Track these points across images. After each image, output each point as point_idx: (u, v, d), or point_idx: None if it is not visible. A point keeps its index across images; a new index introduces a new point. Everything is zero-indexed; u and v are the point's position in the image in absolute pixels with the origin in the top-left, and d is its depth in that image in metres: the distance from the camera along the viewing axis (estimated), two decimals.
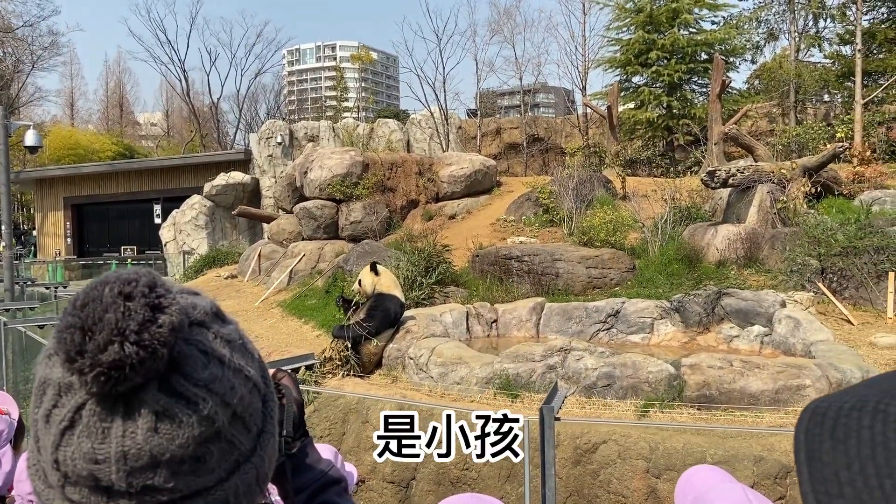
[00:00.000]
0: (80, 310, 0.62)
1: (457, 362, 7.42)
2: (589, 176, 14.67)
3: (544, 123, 29.92)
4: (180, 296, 0.70)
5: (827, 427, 0.52)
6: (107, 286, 0.64)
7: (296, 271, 13.49)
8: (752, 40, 24.65)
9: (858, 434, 0.49)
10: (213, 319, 0.73)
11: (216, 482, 0.69)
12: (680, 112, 21.78)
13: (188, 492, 0.66)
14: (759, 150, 12.87)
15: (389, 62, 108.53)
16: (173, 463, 0.65)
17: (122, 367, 0.61)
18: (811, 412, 0.54)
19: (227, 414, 0.69)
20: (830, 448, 0.50)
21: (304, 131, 24.25)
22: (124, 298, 0.63)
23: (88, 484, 0.63)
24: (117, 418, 0.63)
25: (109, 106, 61.72)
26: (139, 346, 0.62)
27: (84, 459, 0.63)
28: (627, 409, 6.40)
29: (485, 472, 6.19)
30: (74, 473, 0.63)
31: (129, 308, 0.63)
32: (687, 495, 1.41)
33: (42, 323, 7.21)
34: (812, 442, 0.52)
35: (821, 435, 0.52)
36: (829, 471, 0.49)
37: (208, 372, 0.68)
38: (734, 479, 1.43)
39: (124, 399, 0.64)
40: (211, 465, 0.68)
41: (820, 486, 0.50)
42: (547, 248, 11.13)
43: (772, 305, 8.64)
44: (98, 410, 0.63)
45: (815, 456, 0.51)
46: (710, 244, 10.55)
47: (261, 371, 0.78)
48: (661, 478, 5.44)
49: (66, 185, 29.13)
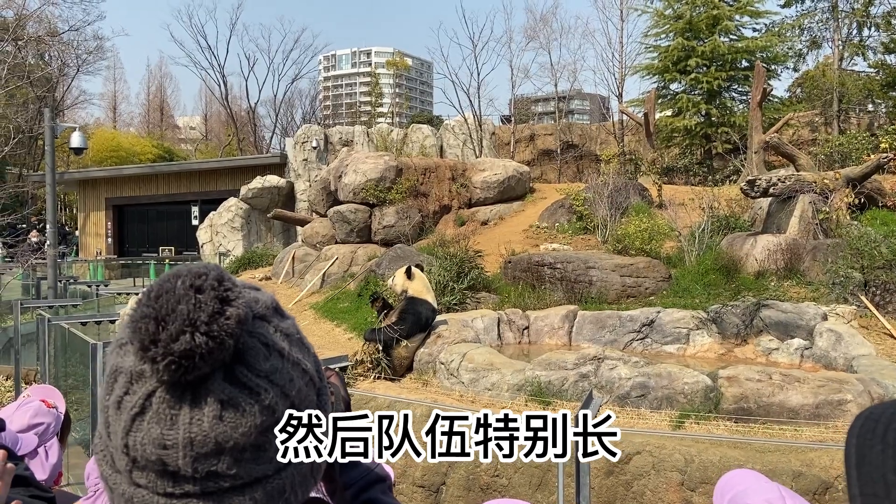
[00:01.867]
0: (154, 301, 0.65)
1: (488, 368, 7.38)
2: (624, 183, 14.52)
3: (579, 130, 29.74)
4: (245, 290, 0.73)
5: (879, 432, 0.52)
6: (179, 279, 0.66)
7: (329, 274, 13.58)
8: (794, 48, 24.21)
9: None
10: (274, 314, 0.76)
11: (274, 471, 0.71)
12: (719, 120, 21.46)
13: (248, 479, 0.68)
14: (800, 159, 12.60)
15: (424, 68, 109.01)
16: (236, 450, 0.67)
17: (193, 357, 0.64)
18: (864, 417, 0.55)
19: (286, 404, 0.71)
20: (880, 452, 0.51)
21: (338, 136, 24.46)
22: (195, 291, 0.65)
23: (156, 469, 0.65)
24: (185, 406, 0.65)
25: (150, 109, 63.07)
26: (209, 336, 0.64)
27: (153, 445, 0.65)
28: (662, 420, 6.29)
29: (515, 480, 6.14)
30: (143, 458, 0.65)
31: (200, 300, 0.65)
32: (725, 494, 1.47)
33: (84, 320, 7.36)
34: (863, 446, 0.53)
35: (872, 439, 0.52)
36: (878, 473, 0.50)
37: (269, 364, 0.70)
38: (770, 480, 1.44)
39: (192, 387, 0.66)
40: (270, 454, 0.70)
41: (868, 489, 0.50)
42: (580, 256, 11.03)
43: (813, 318, 8.43)
44: (167, 398, 0.65)
45: (865, 459, 0.52)
46: (749, 254, 10.35)
47: (316, 366, 0.80)
48: (696, 491, 5.33)
49: (108, 187, 29.77)
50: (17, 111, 23.15)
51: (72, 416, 2.94)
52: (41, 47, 33.24)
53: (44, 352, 7.01)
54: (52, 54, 38.99)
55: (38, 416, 2.53)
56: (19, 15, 23.02)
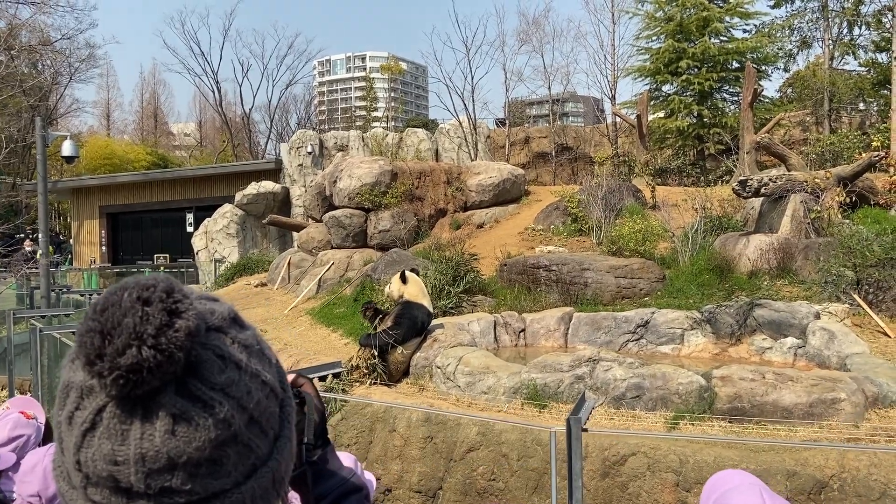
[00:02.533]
0: (100, 314, 0.64)
1: (484, 371, 7.40)
2: (618, 185, 14.57)
3: (573, 132, 29.79)
4: (198, 301, 0.71)
5: None
6: (126, 291, 0.66)
7: (324, 280, 13.59)
8: (784, 48, 24.33)
9: None
10: (231, 325, 0.74)
11: (233, 485, 0.69)
12: (711, 121, 21.55)
13: (205, 494, 0.67)
14: (791, 158, 12.67)
15: (419, 72, 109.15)
16: (190, 465, 0.66)
17: (140, 371, 0.63)
18: None
19: (244, 418, 0.70)
20: None
21: (333, 141, 24.47)
22: (143, 303, 0.65)
23: (109, 485, 0.64)
24: (136, 421, 0.64)
25: (144, 117, 63.00)
26: (156, 349, 0.63)
27: (104, 461, 0.64)
28: (657, 421, 6.32)
29: (512, 483, 6.15)
30: (95, 474, 0.65)
31: (147, 313, 0.64)
32: (711, 495, 1.52)
33: (76, 329, 7.36)
34: None
35: None
36: None
37: (225, 376, 0.69)
38: (759, 482, 1.48)
39: (143, 402, 0.65)
40: (228, 468, 0.69)
41: None
42: (575, 258, 11.07)
43: (805, 317, 8.48)
44: (118, 413, 0.65)
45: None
46: (741, 254, 10.40)
47: (278, 376, 0.78)
48: (691, 491, 5.36)
49: (102, 195, 29.72)
50: (10, 120, 23.12)
51: None
52: (33, 56, 33.22)
53: (36, 362, 7.01)
54: (45, 63, 38.95)
55: (18, 429, 2.51)
56: (11, 24, 23.01)
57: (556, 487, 3.19)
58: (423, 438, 6.77)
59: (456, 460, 6.51)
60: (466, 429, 6.58)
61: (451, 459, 6.54)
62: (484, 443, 6.41)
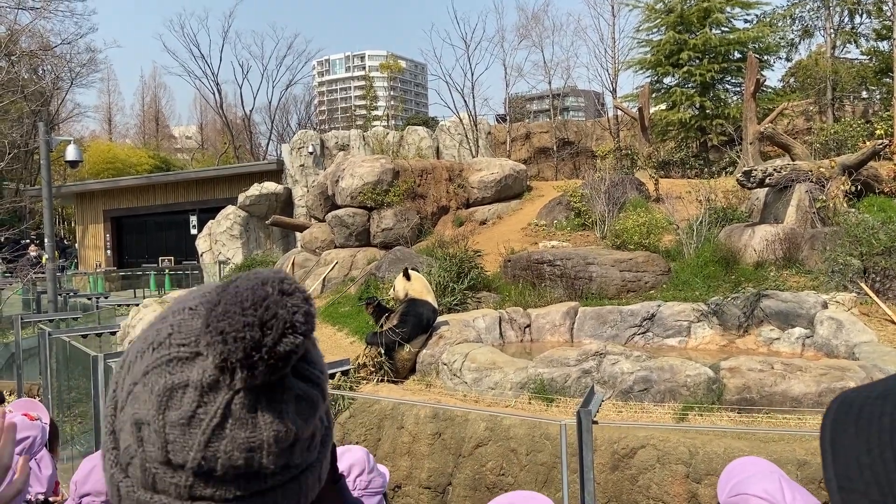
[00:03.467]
0: (253, 309, 0.67)
1: (490, 367, 7.39)
2: (621, 179, 14.54)
3: (574, 127, 29.73)
4: None
5: (852, 415, 0.54)
6: (268, 285, 0.69)
7: (329, 279, 13.59)
8: (786, 38, 24.20)
9: (880, 421, 0.51)
10: None
11: (317, 457, 0.76)
12: (713, 112, 21.46)
13: (305, 466, 0.73)
14: (795, 148, 12.62)
15: (418, 70, 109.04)
16: (304, 440, 0.72)
17: (291, 357, 0.67)
18: (839, 401, 0.56)
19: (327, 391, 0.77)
20: (854, 434, 0.52)
21: (334, 140, 24.47)
22: (287, 296, 0.69)
23: (239, 472, 0.68)
24: (264, 407, 0.68)
25: (146, 120, 63.08)
26: (304, 336, 0.68)
27: (239, 450, 0.67)
28: (665, 414, 6.30)
29: (521, 478, 6.14)
30: (226, 465, 0.67)
31: (294, 304, 0.69)
32: (728, 482, 1.52)
33: (84, 332, 7.36)
34: (837, 429, 0.54)
35: (846, 422, 0.54)
36: (851, 455, 0.51)
37: (318, 355, 0.76)
38: (778, 469, 1.47)
39: (268, 388, 0.69)
40: (316, 441, 0.75)
41: (842, 471, 0.52)
42: (579, 252, 11.04)
43: (813, 307, 8.44)
44: (246, 402, 0.68)
45: (839, 442, 0.53)
46: (747, 245, 10.36)
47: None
48: (701, 482, 5.34)
49: (106, 199, 29.76)
50: (12, 126, 23.17)
51: (76, 429, 2.94)
52: (34, 61, 33.25)
53: (45, 366, 7.02)
54: (46, 68, 39.00)
55: (23, 431, 2.50)
56: (11, 30, 23.03)
57: (567, 480, 3.18)
58: (431, 435, 6.76)
59: (464, 456, 6.50)
60: (474, 424, 6.57)
61: (459, 455, 6.54)
62: (492, 438, 6.40)
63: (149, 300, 15.69)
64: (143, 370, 0.70)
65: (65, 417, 8.34)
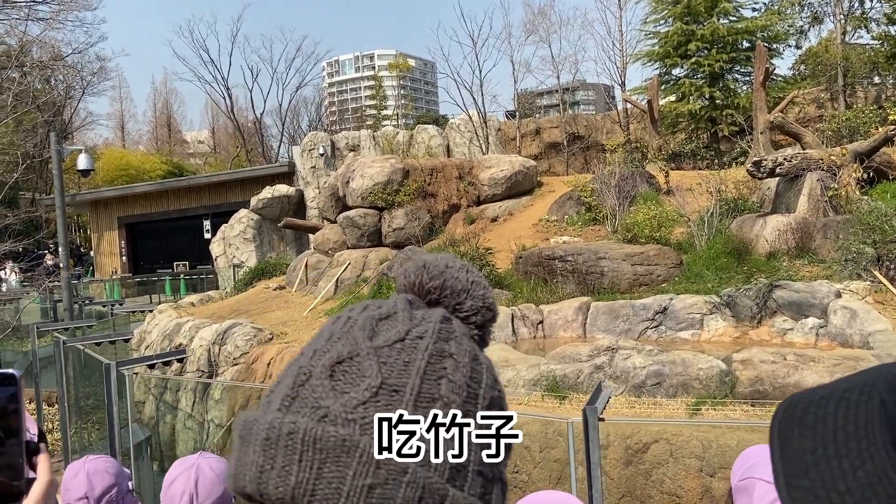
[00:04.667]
0: (485, 290, 0.75)
1: (503, 365, 7.40)
2: (631, 172, 14.49)
3: (584, 121, 29.62)
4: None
5: (797, 415, 0.56)
6: (459, 267, 0.76)
7: (342, 280, 13.65)
8: (795, 25, 23.99)
9: (824, 420, 0.54)
10: None
11: None
12: (723, 102, 21.32)
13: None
14: (806, 137, 12.52)
15: (427, 68, 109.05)
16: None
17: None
18: (787, 403, 0.59)
19: None
20: (799, 434, 0.55)
21: (345, 141, 24.55)
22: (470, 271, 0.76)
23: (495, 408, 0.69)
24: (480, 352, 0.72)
25: (158, 126, 63.54)
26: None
27: (493, 387, 0.69)
28: (678, 408, 6.29)
29: (535, 475, 6.15)
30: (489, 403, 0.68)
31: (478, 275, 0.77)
32: (740, 468, 1.58)
33: (98, 340, 7.45)
34: (784, 430, 0.56)
35: (792, 423, 0.56)
36: (798, 455, 0.54)
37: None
38: None
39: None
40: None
41: (789, 470, 0.54)
42: (591, 247, 11.02)
43: (826, 296, 8.38)
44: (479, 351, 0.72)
45: (787, 442, 0.55)
46: (759, 236, 10.30)
47: None
48: (715, 476, 5.33)
49: (120, 206, 30.04)
50: (26, 137, 23.44)
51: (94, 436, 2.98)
52: (46, 72, 33.61)
53: (61, 374, 7.11)
54: (58, 78, 39.40)
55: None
56: (22, 41, 23.30)
57: (576, 477, 3.19)
58: None
59: None
60: None
61: None
62: None
63: (164, 306, 15.84)
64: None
65: (83, 424, 8.44)
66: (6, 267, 23.82)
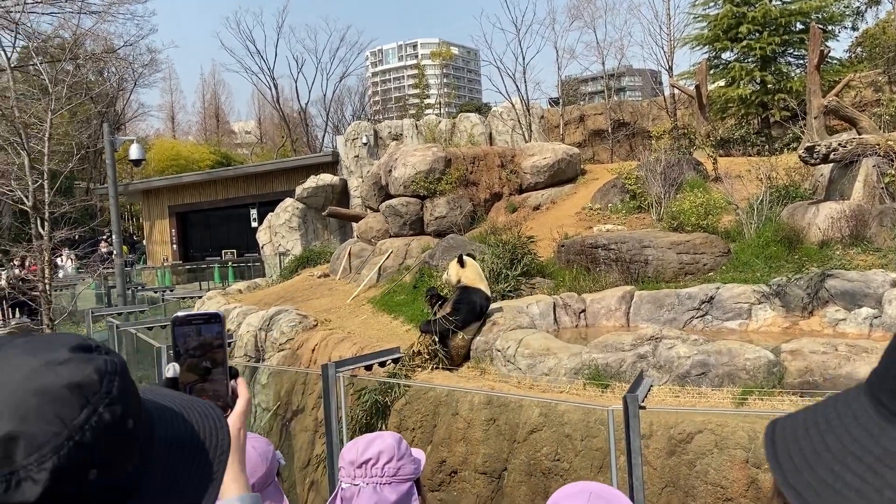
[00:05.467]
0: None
1: (544, 353, 7.37)
2: (677, 159, 14.19)
3: (630, 107, 29.17)
4: None
5: (780, 441, 0.66)
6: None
7: (384, 268, 13.75)
8: (851, 6, 23.15)
9: (799, 447, 0.63)
10: None
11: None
12: (775, 87, 20.72)
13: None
14: (862, 121, 12.09)
15: (470, 56, 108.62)
16: None
17: None
18: (770, 428, 0.68)
19: None
20: (788, 457, 0.64)
21: (388, 130, 24.67)
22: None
23: None
24: None
25: (206, 117, 64.85)
26: None
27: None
28: (724, 398, 6.18)
29: (576, 463, 6.13)
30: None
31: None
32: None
33: (150, 325, 7.67)
34: (776, 451, 0.65)
35: (777, 447, 0.65)
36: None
37: None
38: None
39: None
40: None
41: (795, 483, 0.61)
42: (635, 235, 10.86)
43: (881, 286, 8.11)
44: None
45: (783, 461, 0.64)
46: (811, 224, 10.01)
47: None
48: (761, 468, 5.23)
49: (170, 195, 30.79)
50: (80, 127, 24.18)
51: None
52: (98, 64, 34.55)
53: None
54: (110, 70, 40.46)
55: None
56: (76, 34, 23.99)
57: (616, 466, 3.17)
58: (485, 421, 6.80)
59: (519, 441, 6.52)
60: (528, 410, 6.57)
61: (514, 441, 6.56)
62: (546, 424, 6.40)
63: (212, 293, 16.21)
64: None
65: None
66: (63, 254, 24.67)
